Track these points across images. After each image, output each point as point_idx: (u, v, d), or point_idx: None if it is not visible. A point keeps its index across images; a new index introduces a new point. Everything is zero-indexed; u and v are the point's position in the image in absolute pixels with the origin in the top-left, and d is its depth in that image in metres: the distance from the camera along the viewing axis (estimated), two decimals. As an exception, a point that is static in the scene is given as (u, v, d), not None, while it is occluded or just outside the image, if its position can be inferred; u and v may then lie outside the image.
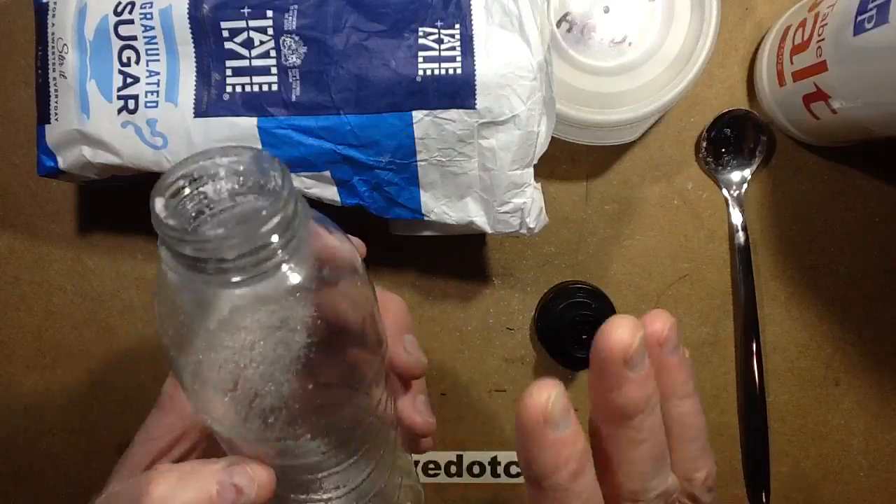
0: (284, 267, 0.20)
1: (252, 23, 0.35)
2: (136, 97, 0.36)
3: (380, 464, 0.28)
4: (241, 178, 0.21)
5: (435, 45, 0.34)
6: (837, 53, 0.36)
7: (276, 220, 0.19)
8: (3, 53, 0.45)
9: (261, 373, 0.21)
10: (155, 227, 0.19)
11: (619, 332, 0.20)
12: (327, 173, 0.36)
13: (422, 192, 0.37)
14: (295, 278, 0.20)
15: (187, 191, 0.20)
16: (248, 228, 0.19)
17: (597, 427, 0.22)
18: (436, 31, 0.34)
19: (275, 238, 0.19)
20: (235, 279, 0.19)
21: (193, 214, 0.20)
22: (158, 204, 0.20)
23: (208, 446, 0.30)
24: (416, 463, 0.47)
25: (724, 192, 0.45)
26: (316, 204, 0.38)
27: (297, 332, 0.21)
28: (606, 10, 0.41)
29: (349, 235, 0.31)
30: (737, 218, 0.45)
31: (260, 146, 0.35)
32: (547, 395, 0.20)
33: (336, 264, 0.22)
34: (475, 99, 0.34)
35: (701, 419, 0.24)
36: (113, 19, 0.36)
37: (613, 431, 0.22)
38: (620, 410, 0.21)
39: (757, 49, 0.45)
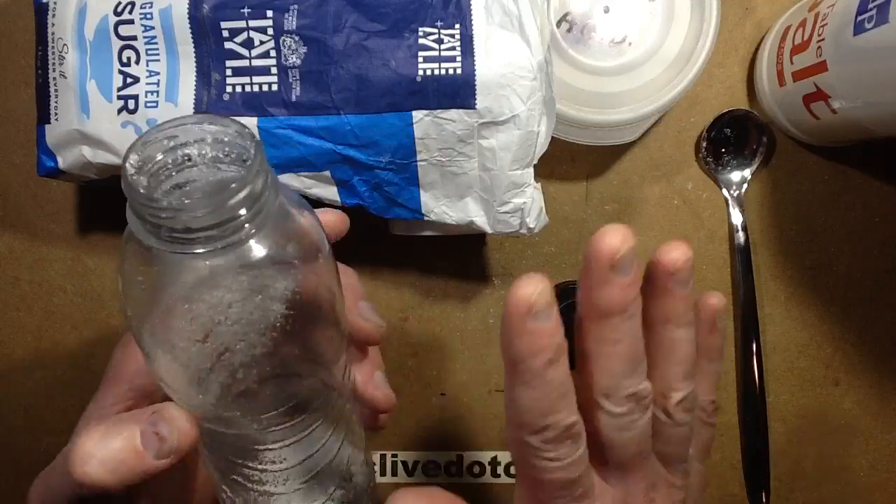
0: (250, 241, 0.20)
1: (252, 23, 0.35)
2: (136, 97, 0.36)
3: (332, 437, 0.28)
4: (225, 148, 0.21)
5: (435, 45, 0.34)
6: (837, 53, 0.36)
7: (245, 192, 0.19)
8: (3, 53, 0.45)
9: (220, 343, 0.21)
10: (124, 190, 0.19)
11: (610, 238, 0.22)
12: (327, 173, 0.36)
13: (422, 192, 0.37)
14: (259, 252, 0.20)
15: (161, 157, 0.20)
16: (217, 200, 0.19)
17: (580, 323, 0.24)
18: (436, 31, 0.34)
19: (242, 211, 0.19)
20: (200, 249, 0.19)
21: (165, 178, 0.20)
22: (132, 159, 0.20)
23: None
24: (416, 463, 0.47)
25: (724, 192, 0.45)
26: (316, 204, 0.38)
27: (258, 305, 0.21)
28: (606, 10, 0.41)
29: (331, 209, 0.31)
30: (737, 218, 0.45)
31: (260, 146, 0.35)
32: (534, 287, 0.21)
33: (302, 241, 0.22)
34: (475, 99, 0.34)
35: (691, 349, 0.25)
36: (113, 19, 0.36)
37: (592, 328, 0.23)
38: (600, 309, 0.23)
39: (757, 49, 0.45)
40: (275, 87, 0.35)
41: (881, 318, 0.46)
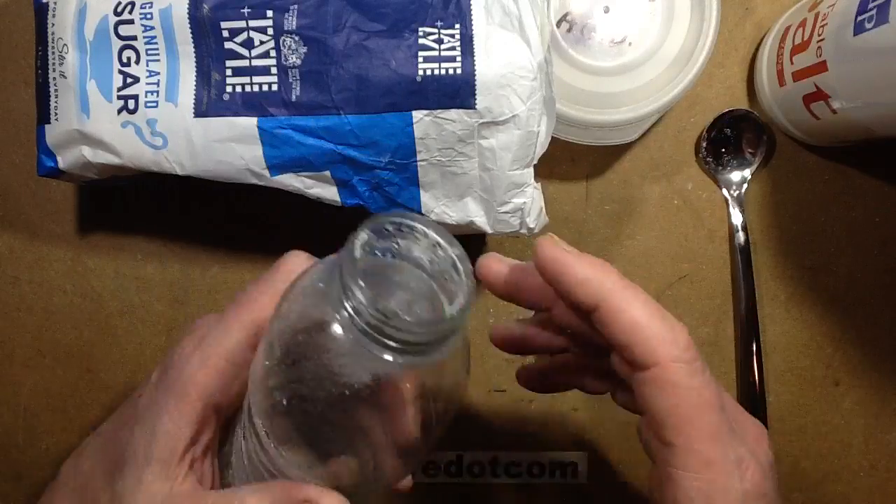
0: (440, 350, 0.22)
1: (252, 23, 0.35)
2: (136, 97, 0.36)
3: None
4: (437, 262, 0.23)
5: (435, 45, 0.34)
6: (837, 53, 0.36)
7: (460, 321, 0.21)
8: (3, 53, 0.45)
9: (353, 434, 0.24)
10: (347, 275, 0.21)
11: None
12: (327, 173, 0.36)
13: (422, 192, 0.37)
14: (442, 355, 0.22)
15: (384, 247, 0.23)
16: (442, 325, 0.21)
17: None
18: (436, 31, 0.34)
19: (453, 334, 0.22)
20: (401, 360, 0.21)
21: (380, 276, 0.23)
22: (361, 247, 0.22)
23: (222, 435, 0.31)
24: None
25: (724, 192, 0.45)
26: (315, 204, 0.38)
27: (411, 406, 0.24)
28: (606, 10, 0.41)
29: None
30: (737, 218, 0.45)
31: (260, 146, 0.35)
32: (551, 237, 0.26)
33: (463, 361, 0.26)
34: (475, 99, 0.34)
35: None
36: (113, 19, 0.36)
37: None
38: None
39: (757, 49, 0.45)
40: (275, 87, 0.35)
41: (881, 318, 0.46)
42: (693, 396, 0.25)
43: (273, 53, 0.35)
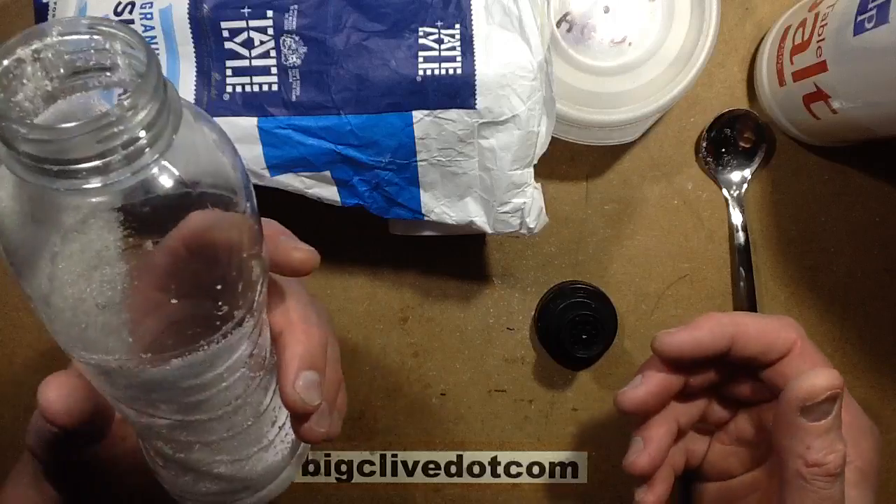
0: (148, 170, 0.17)
1: (252, 23, 0.35)
2: (136, 97, 0.36)
3: (243, 419, 0.26)
4: (93, 54, 0.17)
5: (435, 45, 0.34)
6: (837, 53, 0.36)
7: (143, 112, 0.16)
8: (3, 53, 0.45)
9: (107, 290, 0.18)
10: None
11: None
12: (327, 173, 0.36)
13: (422, 192, 0.37)
14: (160, 186, 0.17)
15: (23, 64, 0.17)
16: (104, 121, 0.15)
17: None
18: (436, 31, 0.34)
19: (142, 133, 0.16)
20: (87, 185, 0.16)
21: (25, 94, 0.17)
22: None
23: None
24: (416, 463, 0.47)
25: (724, 192, 0.45)
26: (316, 204, 0.38)
27: (148, 249, 0.18)
28: (606, 10, 0.41)
29: (302, 246, 0.27)
30: (737, 218, 0.45)
31: (260, 146, 0.35)
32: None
33: (214, 177, 0.19)
34: (475, 99, 0.34)
35: None
36: (113, 19, 0.36)
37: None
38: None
39: (757, 49, 0.45)
40: (275, 87, 0.35)
41: (881, 318, 0.46)
42: (824, 359, 0.32)
43: (273, 53, 0.35)
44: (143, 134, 0.16)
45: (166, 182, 0.17)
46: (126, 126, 0.15)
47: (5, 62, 0.16)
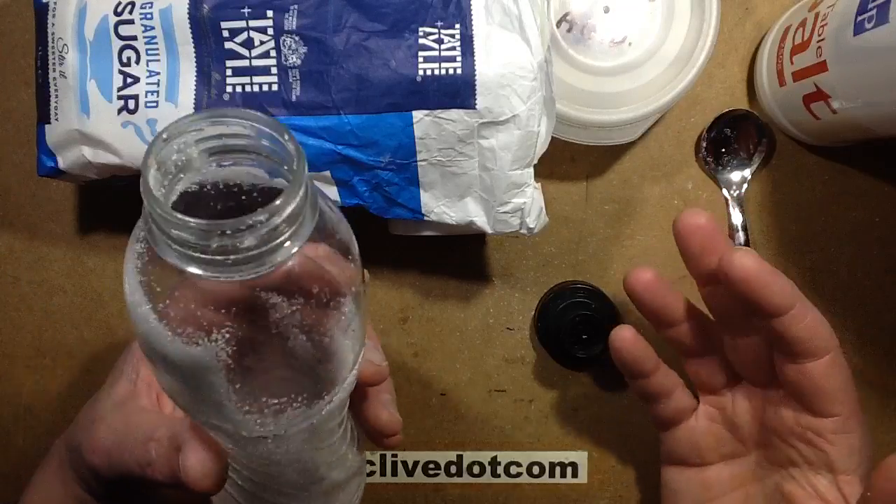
0: (283, 255, 0.18)
1: (252, 23, 0.35)
2: (136, 97, 0.36)
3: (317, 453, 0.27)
4: (252, 150, 0.19)
5: (435, 45, 0.34)
6: (837, 53, 0.36)
7: (290, 209, 0.17)
8: (3, 53, 0.45)
9: (237, 357, 0.20)
10: (143, 195, 0.17)
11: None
12: (327, 173, 0.36)
13: (422, 192, 0.37)
14: (293, 268, 0.19)
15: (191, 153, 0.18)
16: (260, 219, 0.17)
17: None
18: (436, 31, 0.34)
19: (284, 228, 0.18)
20: (238, 275, 0.17)
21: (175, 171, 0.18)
22: (152, 162, 0.18)
23: None
24: (416, 463, 0.47)
25: (724, 192, 0.45)
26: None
27: (277, 323, 0.20)
28: (606, 10, 0.41)
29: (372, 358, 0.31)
30: (737, 218, 0.45)
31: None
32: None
33: (340, 252, 0.22)
34: (475, 99, 0.34)
35: None
36: (113, 19, 0.36)
37: None
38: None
39: (757, 49, 0.45)
40: (275, 87, 0.35)
41: (881, 318, 0.46)
42: (849, 373, 0.32)
43: (273, 53, 0.35)
44: (285, 228, 0.18)
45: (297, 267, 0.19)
46: (276, 226, 0.17)
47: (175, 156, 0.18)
